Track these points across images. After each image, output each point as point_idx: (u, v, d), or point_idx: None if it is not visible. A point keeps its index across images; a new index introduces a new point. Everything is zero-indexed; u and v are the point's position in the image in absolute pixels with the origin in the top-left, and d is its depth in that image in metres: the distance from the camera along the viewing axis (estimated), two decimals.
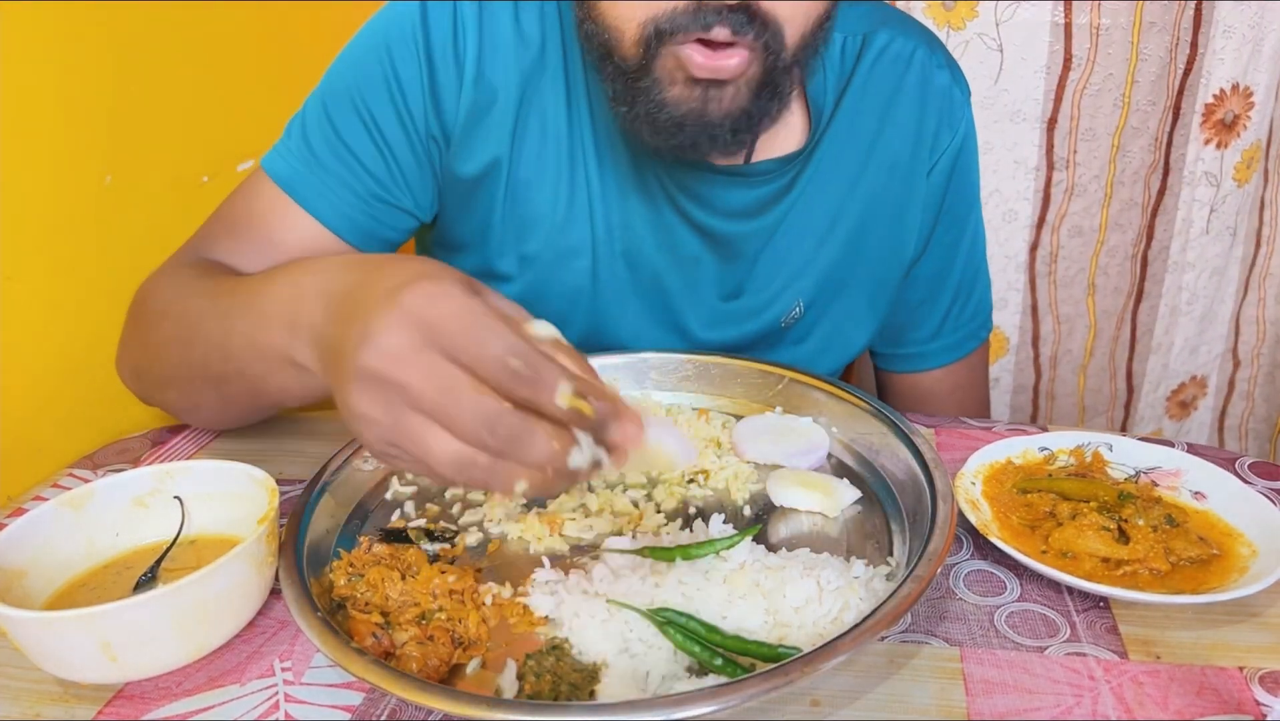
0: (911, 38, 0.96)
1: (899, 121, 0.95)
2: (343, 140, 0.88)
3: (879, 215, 0.97)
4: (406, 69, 0.87)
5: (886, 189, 0.97)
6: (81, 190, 0.94)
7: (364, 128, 0.88)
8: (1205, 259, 1.54)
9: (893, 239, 0.99)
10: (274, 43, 1.21)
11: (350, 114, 0.88)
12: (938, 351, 1.09)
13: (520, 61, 0.88)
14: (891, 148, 0.96)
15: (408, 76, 0.87)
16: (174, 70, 1.05)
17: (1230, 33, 1.36)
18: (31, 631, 0.58)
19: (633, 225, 0.93)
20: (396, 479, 0.81)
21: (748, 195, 0.92)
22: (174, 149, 1.05)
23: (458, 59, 0.87)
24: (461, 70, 0.87)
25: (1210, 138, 1.44)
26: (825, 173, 0.94)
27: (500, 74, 0.88)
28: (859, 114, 0.94)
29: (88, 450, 0.92)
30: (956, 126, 0.98)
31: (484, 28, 0.87)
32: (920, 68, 0.95)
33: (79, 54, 0.93)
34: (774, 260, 0.97)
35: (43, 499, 0.80)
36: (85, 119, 0.94)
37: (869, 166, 0.95)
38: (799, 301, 0.98)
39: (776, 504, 0.76)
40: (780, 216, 0.95)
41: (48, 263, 0.91)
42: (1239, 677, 0.60)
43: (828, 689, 0.59)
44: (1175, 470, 0.77)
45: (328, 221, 0.88)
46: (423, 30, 0.87)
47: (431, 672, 0.60)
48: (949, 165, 0.99)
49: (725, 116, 0.76)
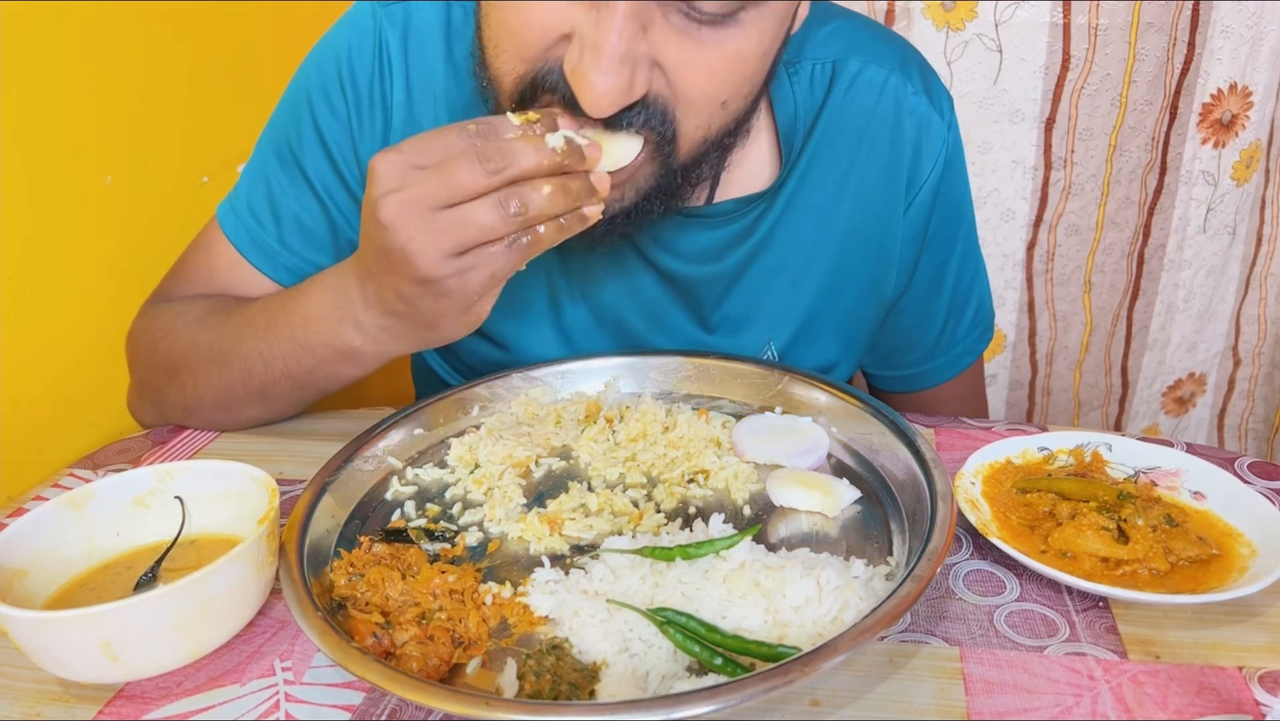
0: (884, 64, 0.90)
1: (872, 155, 0.90)
2: (284, 204, 0.90)
3: (854, 254, 0.93)
4: (330, 123, 0.88)
5: (862, 227, 0.92)
6: (81, 190, 0.94)
7: (304, 184, 0.90)
8: (1202, 257, 1.55)
9: (870, 277, 0.95)
10: (274, 43, 1.21)
11: (290, 170, 0.90)
12: (934, 371, 1.06)
13: (452, 100, 0.86)
14: (866, 183, 0.90)
15: (332, 131, 0.88)
16: (174, 70, 1.05)
17: (1228, 33, 1.36)
18: (32, 631, 0.58)
19: (590, 268, 0.91)
20: (396, 479, 0.81)
21: (708, 237, 0.89)
22: (174, 149, 1.05)
23: (385, 105, 0.86)
24: (390, 116, 0.86)
25: (1207, 137, 1.45)
26: (797, 211, 0.90)
27: (430, 116, 0.86)
28: (831, 148, 0.89)
29: (88, 450, 0.92)
30: (936, 154, 0.92)
31: (411, 67, 0.85)
32: (893, 97, 0.89)
33: (79, 54, 0.93)
34: (743, 302, 0.93)
35: (43, 499, 0.80)
36: (85, 119, 0.94)
37: (842, 204, 0.90)
38: (770, 345, 0.95)
39: (776, 504, 0.76)
40: (746, 258, 0.91)
41: (48, 263, 0.91)
42: (1238, 677, 0.60)
43: (827, 688, 0.59)
44: (1175, 470, 0.77)
45: (282, 280, 0.92)
46: (349, 76, 0.86)
47: (431, 672, 0.60)
48: (930, 197, 0.93)
49: (626, 214, 0.73)
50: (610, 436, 0.86)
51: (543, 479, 0.82)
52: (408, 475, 0.82)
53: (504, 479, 0.80)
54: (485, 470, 0.81)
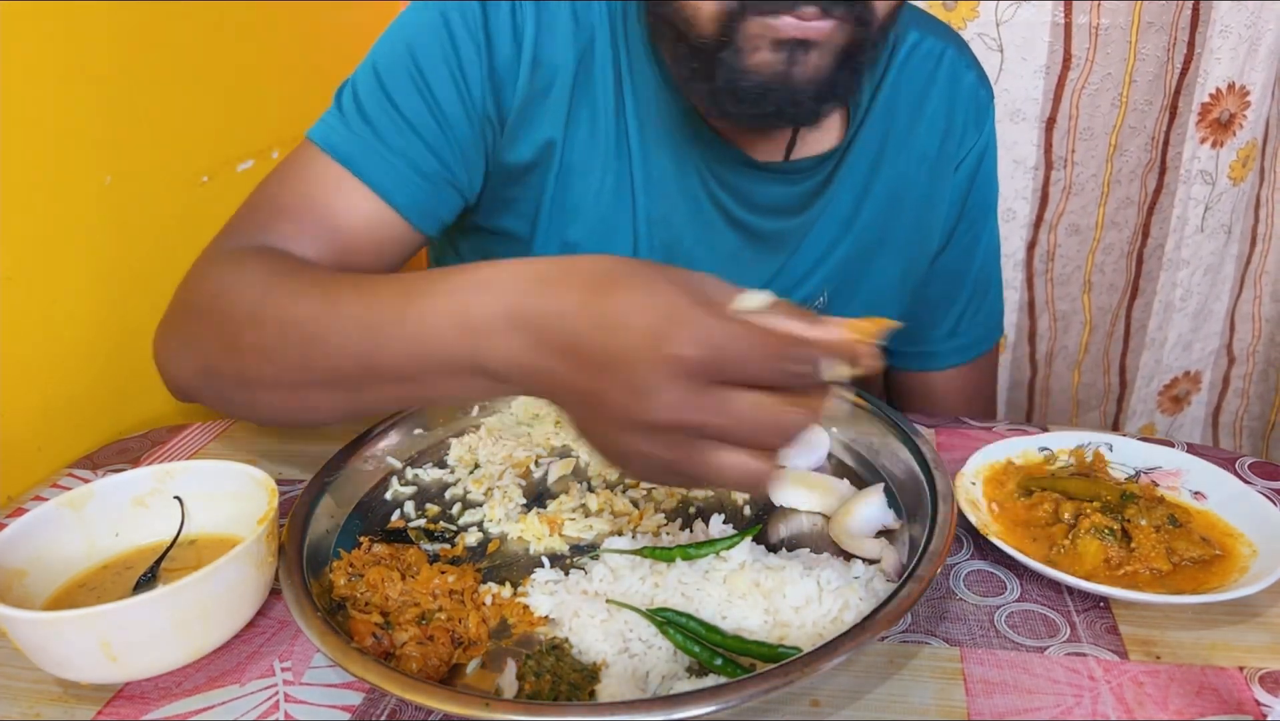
0: (941, 38, 0.98)
1: (930, 116, 0.97)
2: (401, 113, 0.84)
3: (906, 204, 0.99)
4: (466, 46, 0.84)
5: (915, 181, 0.98)
6: (81, 190, 0.94)
7: (423, 101, 0.84)
8: (1200, 256, 1.55)
9: (920, 228, 1.01)
10: (274, 43, 1.21)
11: (408, 86, 0.84)
12: (951, 351, 1.10)
13: (576, 44, 0.86)
14: (922, 141, 0.98)
15: (467, 54, 0.84)
16: (174, 70, 1.04)
17: (1227, 32, 1.36)
18: (31, 631, 0.58)
19: (673, 219, 0.92)
20: (396, 479, 0.81)
21: (787, 192, 0.93)
22: (174, 149, 1.05)
23: (516, 39, 0.84)
24: (520, 51, 0.85)
25: (1206, 136, 1.45)
26: (863, 167, 0.96)
27: (558, 56, 0.86)
28: (893, 110, 0.96)
29: (88, 450, 0.92)
30: (983, 126, 1.01)
31: (541, 8, 0.85)
32: (950, 66, 0.98)
33: (79, 54, 0.93)
34: (810, 255, 0.98)
35: (43, 499, 0.80)
36: (85, 119, 0.94)
37: (899, 158, 0.97)
38: (824, 290, 0.99)
39: (776, 504, 0.76)
40: (817, 213, 0.96)
41: (48, 263, 0.91)
42: (1239, 677, 0.60)
43: (828, 689, 0.59)
44: (1175, 470, 0.77)
45: (393, 198, 0.83)
46: (481, 7, 0.84)
47: (431, 672, 0.60)
48: (975, 163, 1.01)
49: (810, 82, 0.75)
50: None
51: (542, 479, 0.82)
52: (408, 475, 0.82)
53: (504, 479, 0.80)
54: (485, 470, 0.81)
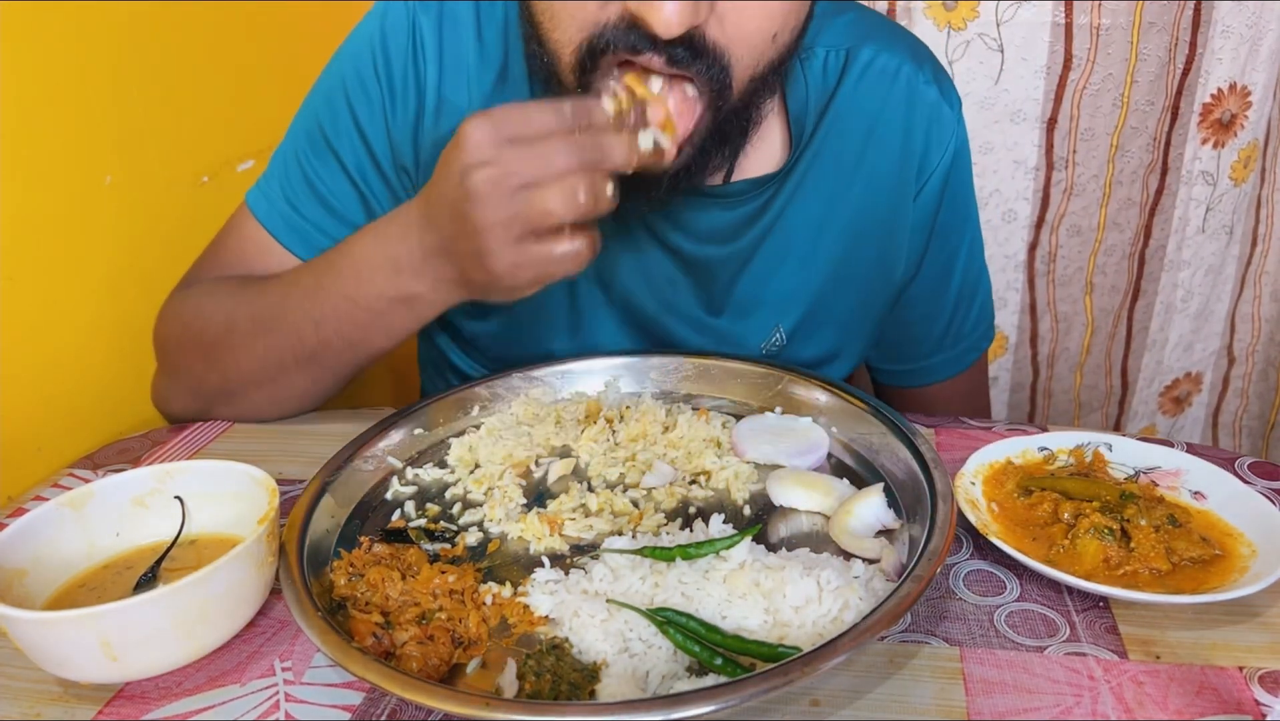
0: (897, 53, 0.92)
1: (884, 141, 0.91)
2: (318, 188, 0.90)
3: (864, 240, 0.94)
4: (365, 108, 0.88)
5: (871, 213, 0.93)
6: (81, 190, 0.94)
7: (338, 168, 0.90)
8: (1201, 257, 1.55)
9: (879, 264, 0.96)
10: (273, 43, 1.21)
11: (324, 155, 0.90)
12: (939, 366, 1.07)
13: (482, 82, 0.87)
14: (876, 169, 0.92)
15: (367, 116, 0.88)
16: (174, 71, 1.05)
17: (1228, 33, 1.36)
18: (32, 631, 0.58)
19: (605, 247, 0.90)
20: (396, 479, 0.81)
21: (722, 217, 0.90)
22: (174, 149, 1.05)
23: (419, 87, 0.87)
24: (423, 98, 0.87)
25: (1207, 137, 1.45)
26: (806, 195, 0.91)
27: (464, 95, 0.87)
28: (842, 133, 0.90)
29: (88, 450, 0.92)
30: (946, 143, 0.94)
31: (444, 49, 0.86)
32: (906, 84, 0.91)
33: (79, 54, 0.93)
34: (752, 285, 0.94)
35: (43, 499, 0.80)
36: (85, 119, 0.94)
37: (853, 188, 0.91)
38: (779, 329, 0.96)
39: (776, 504, 0.76)
40: (756, 240, 0.92)
41: (48, 263, 0.91)
42: (1239, 677, 0.60)
43: (828, 689, 0.59)
44: (1175, 470, 0.77)
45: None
46: (383, 61, 0.87)
47: (431, 672, 0.60)
48: (939, 185, 0.95)
49: (664, 171, 0.75)
50: (610, 436, 0.86)
51: (542, 479, 0.82)
52: (408, 475, 0.82)
53: (504, 479, 0.80)
54: (485, 470, 0.81)
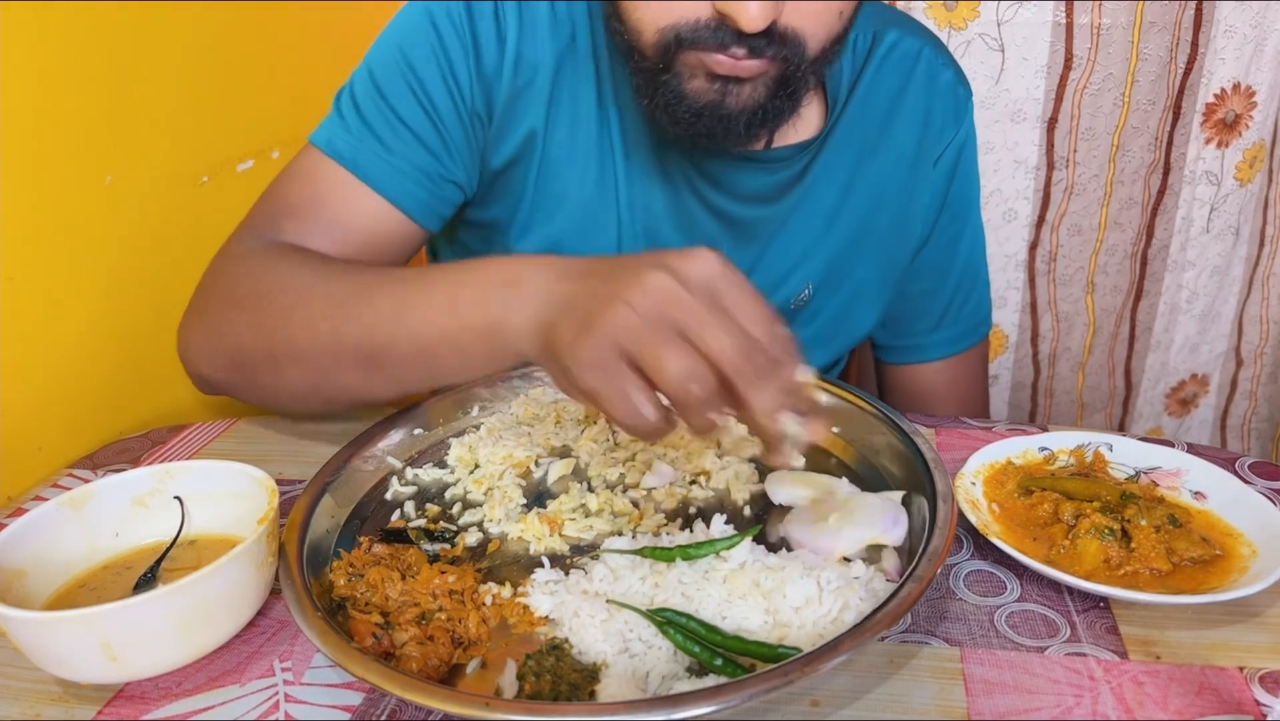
0: (918, 37, 1.01)
1: (907, 113, 1.00)
2: (398, 115, 0.89)
3: (887, 200, 1.01)
4: (454, 45, 0.88)
5: (894, 176, 1.00)
6: (81, 190, 0.94)
7: (417, 102, 0.89)
8: (1206, 258, 1.54)
9: (900, 223, 1.03)
10: (274, 43, 1.21)
11: (403, 88, 0.89)
12: (938, 344, 1.12)
13: (556, 41, 0.90)
14: (900, 137, 1.00)
15: (455, 53, 0.89)
16: (174, 70, 1.05)
17: (1231, 33, 1.36)
18: (31, 631, 0.58)
19: (653, 207, 0.95)
20: (396, 479, 0.81)
21: (764, 180, 0.95)
22: (174, 149, 1.05)
23: (500, 37, 0.89)
24: (504, 48, 0.89)
25: (1211, 137, 1.44)
26: (836, 160, 0.97)
27: (539, 52, 0.90)
28: (870, 105, 0.98)
29: (88, 450, 0.92)
30: (961, 121, 1.03)
31: (523, 8, 0.89)
32: (927, 64, 1.00)
33: (79, 54, 0.93)
34: (785, 244, 0.99)
35: (43, 499, 0.80)
36: (85, 119, 0.94)
37: (878, 154, 0.99)
38: (808, 284, 1.01)
39: (776, 504, 0.76)
40: (795, 202, 0.97)
41: (48, 263, 0.91)
42: (1239, 677, 0.60)
43: (828, 689, 0.59)
44: (1175, 470, 0.77)
45: (395, 198, 0.88)
46: (466, 9, 0.88)
47: (431, 672, 0.60)
48: (954, 158, 1.03)
49: (742, 111, 0.79)
50: (610, 436, 0.86)
51: (542, 479, 0.82)
52: (407, 475, 0.82)
53: (504, 479, 0.80)
54: (485, 470, 0.81)
